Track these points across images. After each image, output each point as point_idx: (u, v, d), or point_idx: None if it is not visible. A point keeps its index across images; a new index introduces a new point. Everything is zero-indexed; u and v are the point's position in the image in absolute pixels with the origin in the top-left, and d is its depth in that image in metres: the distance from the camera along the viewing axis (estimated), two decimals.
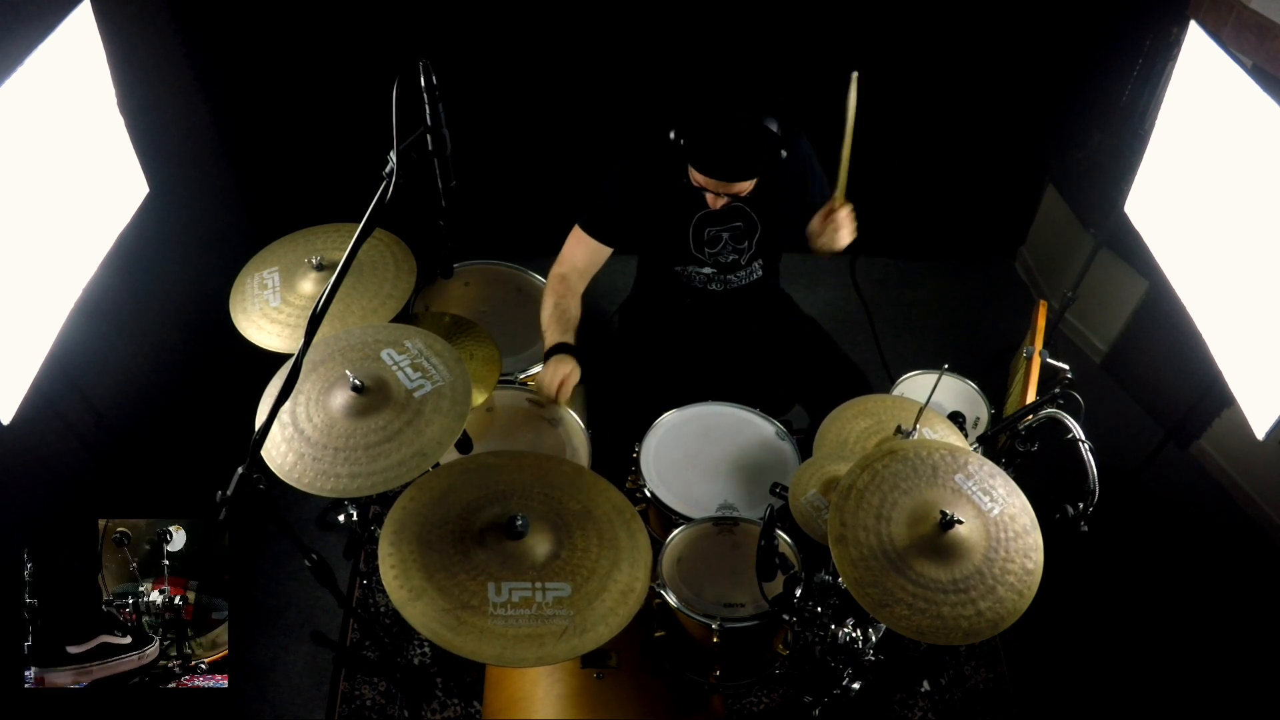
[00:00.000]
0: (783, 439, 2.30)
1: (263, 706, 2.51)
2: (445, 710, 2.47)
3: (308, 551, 1.69)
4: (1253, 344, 1.97)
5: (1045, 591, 1.62)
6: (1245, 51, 2.53)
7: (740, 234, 2.34)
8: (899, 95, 3.34)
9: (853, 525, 1.64)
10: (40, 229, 1.77)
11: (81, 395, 2.32)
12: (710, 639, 1.90)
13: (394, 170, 1.58)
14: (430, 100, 1.83)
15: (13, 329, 1.71)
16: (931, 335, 3.65)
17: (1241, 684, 2.58)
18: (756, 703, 2.47)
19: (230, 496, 1.36)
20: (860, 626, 1.96)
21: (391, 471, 1.67)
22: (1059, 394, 1.86)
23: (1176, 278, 2.28)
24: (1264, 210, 1.89)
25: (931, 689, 2.55)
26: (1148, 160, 2.41)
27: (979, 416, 2.40)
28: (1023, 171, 3.65)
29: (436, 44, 3.08)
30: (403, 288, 2.19)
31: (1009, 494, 1.71)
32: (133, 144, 2.11)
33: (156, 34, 2.78)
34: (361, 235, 1.52)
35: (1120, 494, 2.83)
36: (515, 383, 2.42)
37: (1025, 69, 3.27)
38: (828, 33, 3.15)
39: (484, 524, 1.76)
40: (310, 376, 1.82)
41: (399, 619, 2.49)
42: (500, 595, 1.65)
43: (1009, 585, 1.60)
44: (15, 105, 1.64)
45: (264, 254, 2.27)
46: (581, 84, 3.25)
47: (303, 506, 2.91)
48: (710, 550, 2.05)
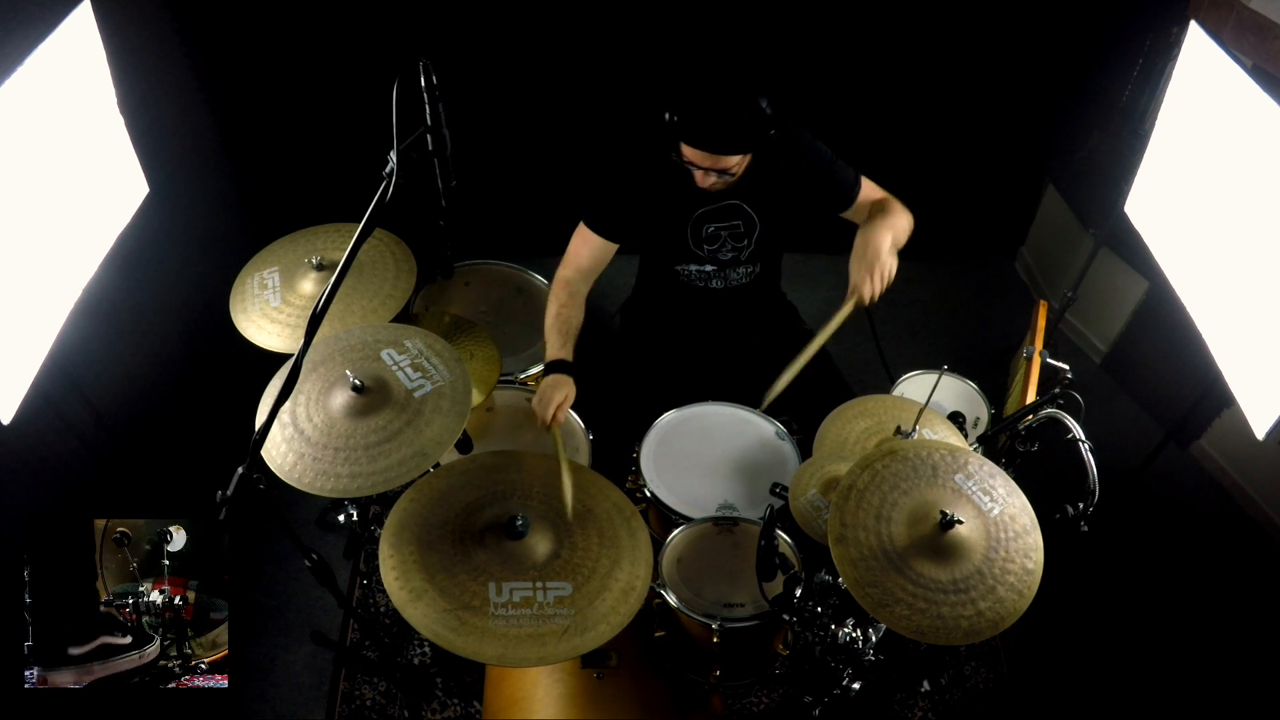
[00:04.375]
0: (783, 439, 2.30)
1: (263, 706, 2.51)
2: (445, 710, 2.47)
3: (308, 551, 1.69)
4: (1253, 344, 1.97)
5: (1045, 591, 1.62)
6: (1245, 51, 2.54)
7: (739, 233, 2.34)
8: (899, 95, 3.35)
9: (853, 525, 1.64)
10: (40, 229, 1.77)
11: (81, 395, 2.32)
12: (710, 639, 1.90)
13: (394, 170, 1.58)
14: (430, 100, 1.84)
15: (13, 329, 1.71)
16: (931, 335, 3.65)
17: (1241, 684, 2.58)
18: (756, 703, 2.47)
19: (230, 496, 1.36)
20: (860, 626, 1.96)
21: (391, 471, 1.67)
22: (1059, 394, 1.86)
23: (1176, 278, 2.28)
24: (1264, 210, 1.89)
25: (931, 689, 2.55)
26: (1148, 160, 2.41)
27: (979, 416, 2.40)
28: (1023, 171, 3.66)
29: (436, 44, 3.08)
30: (403, 288, 2.19)
31: (1009, 494, 1.71)
32: (133, 144, 2.11)
33: (156, 34, 2.78)
34: (361, 235, 1.52)
35: (1120, 494, 2.83)
36: (515, 383, 2.42)
37: (1025, 69, 3.27)
38: (828, 33, 3.15)
39: (484, 524, 1.76)
40: (310, 376, 1.82)
41: (399, 619, 2.49)
42: (501, 595, 1.65)
43: (1009, 585, 1.60)
44: (15, 105, 1.64)
45: (264, 254, 2.27)
46: (581, 84, 3.25)
47: (303, 506, 2.91)
48: (710, 550, 2.05)
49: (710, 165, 2.08)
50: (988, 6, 3.10)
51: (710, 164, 2.08)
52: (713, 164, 2.08)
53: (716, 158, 2.06)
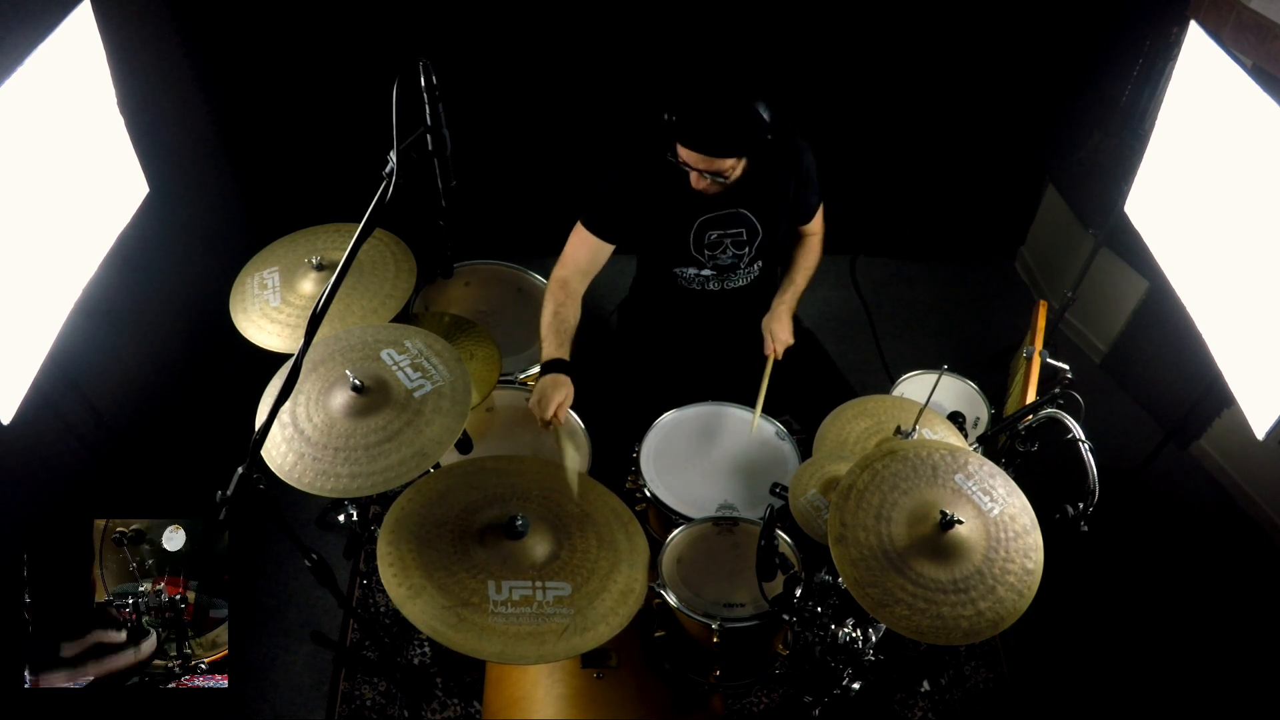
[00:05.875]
0: (783, 439, 2.30)
1: (263, 706, 2.51)
2: (445, 710, 2.47)
3: (308, 551, 1.69)
4: (1253, 344, 1.97)
5: (1045, 591, 1.62)
6: (1245, 51, 2.53)
7: (741, 240, 2.34)
8: (899, 95, 3.35)
9: (853, 525, 1.64)
10: (40, 229, 1.77)
11: (81, 395, 2.32)
12: (710, 639, 1.90)
13: (394, 170, 1.58)
14: (430, 100, 1.83)
15: (13, 329, 1.71)
16: (931, 335, 3.65)
17: (1241, 684, 2.58)
18: (756, 703, 2.47)
19: (230, 496, 1.36)
20: (860, 626, 1.96)
21: (391, 471, 1.67)
22: (1059, 394, 1.86)
23: (1176, 278, 2.28)
24: (1264, 210, 1.89)
25: (931, 689, 2.55)
26: (1148, 160, 2.41)
27: (979, 416, 2.40)
28: (1023, 171, 3.65)
29: (436, 44, 3.08)
30: (403, 288, 2.19)
31: (1009, 494, 1.71)
32: (133, 144, 2.11)
33: (156, 34, 2.79)
34: (361, 235, 1.52)
35: (1120, 494, 2.83)
36: (515, 383, 2.42)
37: (1025, 69, 3.27)
38: (828, 33, 3.15)
39: (483, 524, 1.76)
40: (310, 376, 1.82)
41: (399, 619, 2.49)
42: (500, 593, 1.65)
43: (1009, 585, 1.60)
44: (15, 105, 1.64)
45: (264, 254, 2.27)
46: (581, 84, 3.25)
47: (303, 506, 2.91)
48: (710, 550, 2.05)
49: (705, 167, 2.08)
50: (988, 6, 3.10)
51: (705, 166, 2.08)
52: (707, 166, 2.07)
53: (711, 160, 2.06)
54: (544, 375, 2.18)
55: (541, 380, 2.17)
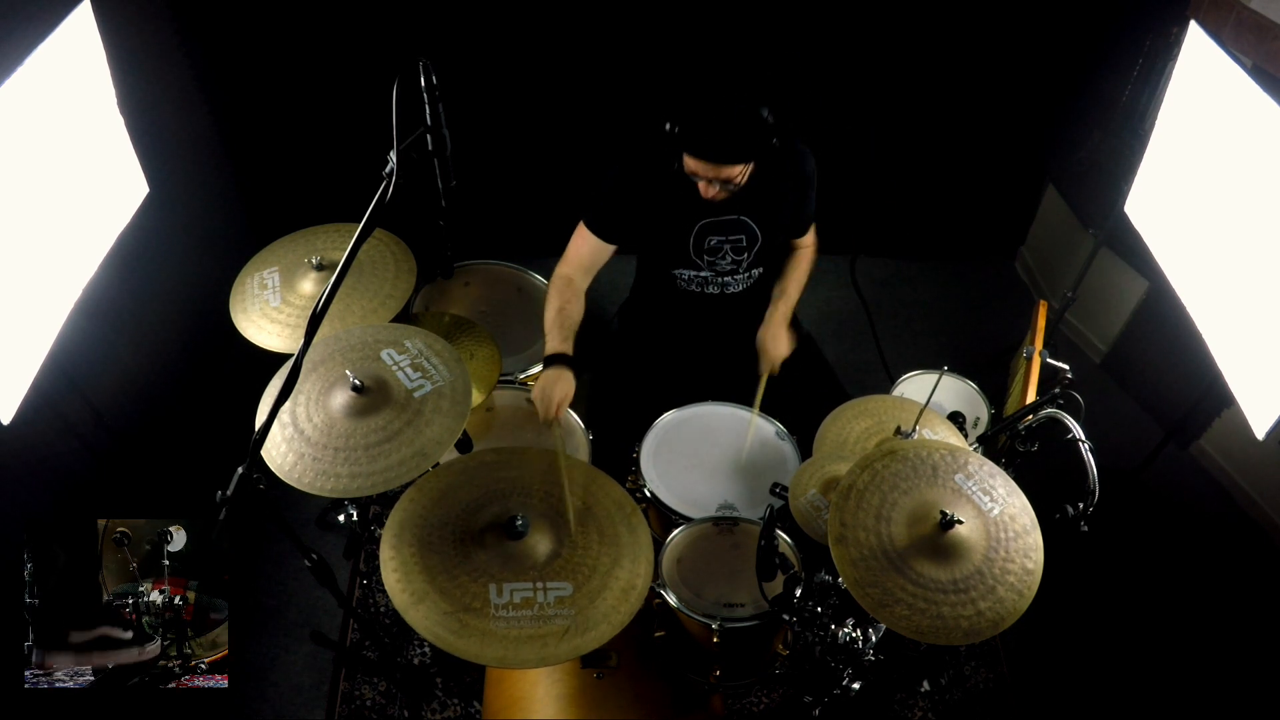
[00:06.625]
0: (783, 439, 2.30)
1: (263, 706, 2.51)
2: (445, 710, 2.47)
3: (308, 551, 1.69)
4: (1253, 344, 1.97)
5: (1045, 591, 1.62)
6: (1245, 51, 2.53)
7: (741, 246, 2.34)
8: (899, 96, 3.35)
9: (853, 525, 1.64)
10: (40, 229, 1.77)
11: (81, 395, 2.32)
12: (710, 639, 1.90)
13: (394, 170, 1.58)
14: (430, 100, 1.83)
15: (13, 329, 1.71)
16: (931, 335, 3.65)
17: (1242, 684, 2.58)
18: (756, 703, 2.47)
19: (230, 496, 1.36)
20: (860, 626, 1.96)
21: (391, 471, 1.67)
22: (1059, 394, 1.86)
23: (1176, 278, 2.28)
24: (1264, 210, 1.89)
25: (931, 689, 2.55)
26: (1148, 160, 2.41)
27: (979, 416, 2.40)
28: (1023, 171, 3.65)
29: (436, 44, 3.08)
30: (403, 288, 2.19)
31: (1009, 494, 1.72)
32: (133, 144, 2.11)
33: (156, 34, 2.79)
34: (361, 235, 1.52)
35: (1120, 494, 2.83)
36: (515, 383, 2.42)
37: (1025, 69, 3.27)
38: (829, 33, 3.15)
39: (484, 524, 1.76)
40: (310, 376, 1.82)
41: (399, 619, 2.48)
42: (502, 596, 1.65)
43: (1009, 585, 1.60)
44: (15, 105, 1.64)
45: (264, 254, 2.27)
46: (581, 84, 3.25)
47: (303, 506, 2.91)
48: (710, 550, 2.05)
49: (713, 175, 2.07)
50: (987, 7, 3.10)
51: (713, 174, 2.06)
52: (715, 174, 2.06)
53: (719, 168, 2.05)
54: (547, 369, 2.19)
55: (545, 374, 2.17)
